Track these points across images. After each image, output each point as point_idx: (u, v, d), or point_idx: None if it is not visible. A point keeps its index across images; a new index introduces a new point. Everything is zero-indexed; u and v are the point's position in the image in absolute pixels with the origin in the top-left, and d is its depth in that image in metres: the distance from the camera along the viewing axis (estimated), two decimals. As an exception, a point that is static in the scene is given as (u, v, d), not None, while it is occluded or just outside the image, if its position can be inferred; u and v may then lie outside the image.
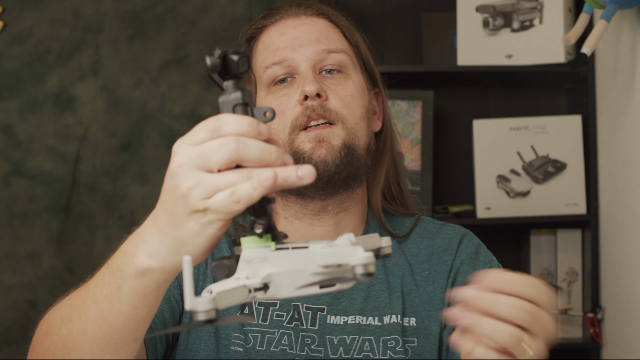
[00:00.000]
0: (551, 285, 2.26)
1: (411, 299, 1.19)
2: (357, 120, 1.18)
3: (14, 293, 2.39)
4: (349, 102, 1.18)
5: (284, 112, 1.17)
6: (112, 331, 0.89)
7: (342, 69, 1.20)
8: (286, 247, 0.80)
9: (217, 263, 0.80)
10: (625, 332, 1.94)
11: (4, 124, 2.44)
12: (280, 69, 1.19)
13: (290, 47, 1.20)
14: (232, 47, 0.78)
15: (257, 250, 0.80)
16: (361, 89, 1.22)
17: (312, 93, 1.15)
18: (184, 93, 2.48)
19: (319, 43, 1.20)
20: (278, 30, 1.24)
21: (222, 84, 0.80)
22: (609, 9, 1.75)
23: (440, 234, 1.26)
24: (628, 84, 1.89)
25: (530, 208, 2.24)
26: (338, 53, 1.20)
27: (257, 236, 0.79)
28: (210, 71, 0.78)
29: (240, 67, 0.78)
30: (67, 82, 2.46)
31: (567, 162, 2.24)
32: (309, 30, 1.22)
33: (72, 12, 2.48)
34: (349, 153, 1.15)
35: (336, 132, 1.15)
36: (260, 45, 1.26)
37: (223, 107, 0.79)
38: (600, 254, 2.15)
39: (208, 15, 2.50)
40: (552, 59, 2.19)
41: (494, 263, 1.24)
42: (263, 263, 0.79)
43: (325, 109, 1.15)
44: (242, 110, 0.79)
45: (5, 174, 2.43)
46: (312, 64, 1.18)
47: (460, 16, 2.28)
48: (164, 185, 0.82)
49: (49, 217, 2.43)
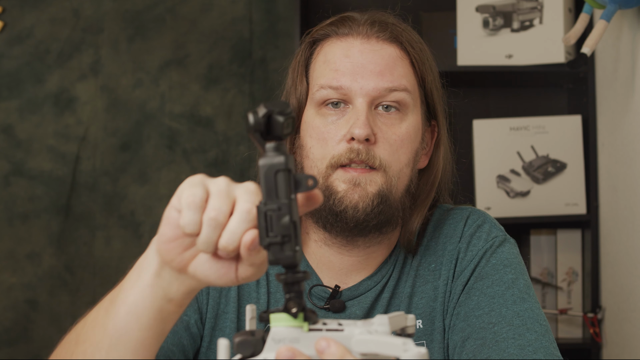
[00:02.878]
0: (551, 285, 2.26)
1: (416, 301, 1.19)
2: (402, 166, 1.14)
3: (14, 293, 2.39)
4: (398, 147, 1.14)
5: (328, 142, 1.13)
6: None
7: (400, 108, 1.15)
8: (319, 328, 0.75)
9: (242, 340, 0.76)
10: (625, 332, 1.94)
11: (4, 124, 2.44)
12: (335, 94, 1.14)
13: (352, 75, 1.13)
14: (278, 107, 0.74)
15: (288, 329, 0.75)
16: (415, 130, 1.17)
17: (361, 137, 1.10)
18: (184, 93, 2.48)
19: (382, 78, 1.13)
20: (343, 48, 1.16)
21: (263, 145, 0.74)
22: (609, 9, 1.75)
23: (447, 220, 1.24)
24: (628, 84, 1.88)
25: (530, 208, 2.24)
26: (400, 91, 1.14)
27: (292, 316, 0.74)
28: (252, 130, 0.74)
29: (284, 129, 0.74)
30: (67, 82, 2.46)
31: (567, 162, 2.24)
32: (375, 59, 1.14)
33: (72, 12, 2.48)
34: (383, 202, 1.12)
35: (374, 179, 1.12)
36: (321, 56, 1.19)
37: (264, 171, 0.74)
38: (600, 254, 2.15)
39: (208, 15, 2.50)
40: (552, 59, 2.18)
41: (497, 240, 1.20)
42: (294, 345, 0.74)
43: (370, 155, 1.11)
44: (285, 177, 0.74)
45: (5, 174, 2.43)
46: (370, 100, 1.13)
47: (460, 16, 2.28)
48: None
49: (49, 217, 2.43)
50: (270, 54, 2.49)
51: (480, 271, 1.17)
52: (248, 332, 0.77)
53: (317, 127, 1.15)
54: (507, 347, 1.06)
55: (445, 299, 1.18)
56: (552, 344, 1.08)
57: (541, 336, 1.07)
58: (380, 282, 1.19)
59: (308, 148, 1.15)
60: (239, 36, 2.50)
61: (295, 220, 0.74)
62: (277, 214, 0.74)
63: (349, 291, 1.18)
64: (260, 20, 2.50)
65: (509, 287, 1.13)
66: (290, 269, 0.75)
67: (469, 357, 1.09)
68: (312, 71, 1.19)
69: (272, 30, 2.50)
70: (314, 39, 1.21)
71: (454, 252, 1.20)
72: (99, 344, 0.88)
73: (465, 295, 1.16)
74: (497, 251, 1.18)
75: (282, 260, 0.74)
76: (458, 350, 1.12)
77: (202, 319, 1.16)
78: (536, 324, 1.09)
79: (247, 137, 2.48)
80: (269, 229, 0.74)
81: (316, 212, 1.15)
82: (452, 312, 1.16)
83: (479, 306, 1.13)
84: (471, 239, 1.20)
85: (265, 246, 0.74)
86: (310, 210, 0.78)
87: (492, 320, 1.10)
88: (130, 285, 0.86)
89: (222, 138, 2.48)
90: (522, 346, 1.06)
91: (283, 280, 0.75)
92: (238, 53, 2.49)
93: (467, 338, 1.11)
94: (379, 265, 1.20)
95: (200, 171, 2.46)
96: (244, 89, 2.49)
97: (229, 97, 2.49)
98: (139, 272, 0.85)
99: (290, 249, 0.74)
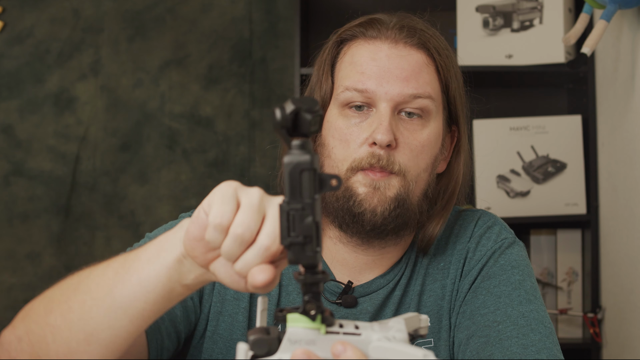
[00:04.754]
0: (551, 285, 2.26)
1: (425, 299, 1.19)
2: (420, 171, 1.15)
3: (14, 293, 2.39)
4: (418, 152, 1.15)
5: (350, 143, 1.14)
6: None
7: (422, 114, 1.15)
8: (336, 331, 0.74)
9: (257, 338, 0.75)
10: (625, 332, 1.94)
11: (4, 124, 2.44)
12: (359, 97, 1.14)
13: (377, 79, 1.14)
14: (306, 104, 0.73)
15: (304, 331, 0.74)
16: (436, 137, 1.17)
17: (383, 143, 1.11)
18: (183, 93, 2.48)
19: (407, 84, 1.14)
20: (370, 51, 1.16)
21: (289, 141, 0.74)
22: (609, 9, 1.75)
23: (458, 221, 1.25)
24: (628, 84, 1.88)
25: (530, 208, 2.24)
26: (424, 99, 1.15)
27: (310, 318, 0.73)
28: (279, 126, 0.73)
29: (311, 127, 0.73)
30: (67, 82, 2.46)
31: (567, 162, 2.24)
32: (402, 65, 1.15)
33: (72, 12, 2.48)
34: (400, 206, 1.13)
35: (393, 183, 1.12)
36: (347, 57, 1.19)
37: (289, 169, 0.73)
38: (600, 254, 2.15)
39: (208, 15, 2.50)
40: (552, 59, 2.19)
41: (507, 241, 1.21)
42: (310, 346, 0.73)
43: (390, 161, 1.12)
44: (310, 177, 0.73)
45: (5, 174, 2.43)
46: (394, 105, 1.13)
47: (460, 16, 2.28)
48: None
49: (49, 217, 2.43)
50: (270, 54, 2.49)
51: (487, 271, 1.17)
52: (263, 329, 0.76)
53: (339, 128, 1.15)
54: (511, 345, 1.06)
55: (452, 297, 1.18)
56: (555, 346, 1.08)
57: (545, 337, 1.08)
58: (392, 281, 1.20)
59: (330, 148, 1.16)
60: (239, 36, 2.50)
61: (318, 221, 0.73)
62: (301, 214, 0.73)
63: (361, 288, 1.19)
64: (260, 20, 2.50)
65: (515, 287, 1.14)
66: (309, 270, 0.74)
67: (472, 354, 1.09)
68: (338, 71, 1.20)
69: (272, 30, 2.50)
70: (342, 39, 1.21)
71: (462, 252, 1.21)
72: (100, 301, 0.88)
73: (471, 294, 1.16)
74: (505, 252, 1.19)
75: (302, 260, 0.73)
76: (462, 347, 1.13)
77: (201, 297, 1.16)
78: (540, 325, 1.09)
79: (247, 137, 2.48)
80: (291, 228, 0.73)
81: (334, 212, 1.15)
82: (458, 310, 1.17)
83: (484, 305, 1.13)
84: (480, 239, 1.21)
85: (287, 246, 0.73)
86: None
87: (497, 319, 1.10)
88: (148, 259, 0.86)
89: (222, 138, 2.48)
90: (526, 346, 1.06)
91: (302, 280, 0.74)
92: (238, 53, 2.49)
93: (472, 336, 1.11)
94: (393, 265, 1.21)
95: (200, 171, 2.46)
96: (244, 89, 2.48)
97: (229, 97, 2.48)
98: (159, 250, 0.85)
99: (312, 250, 0.73)
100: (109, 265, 0.91)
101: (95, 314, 0.88)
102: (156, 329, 1.07)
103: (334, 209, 1.15)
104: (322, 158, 1.18)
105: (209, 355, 1.16)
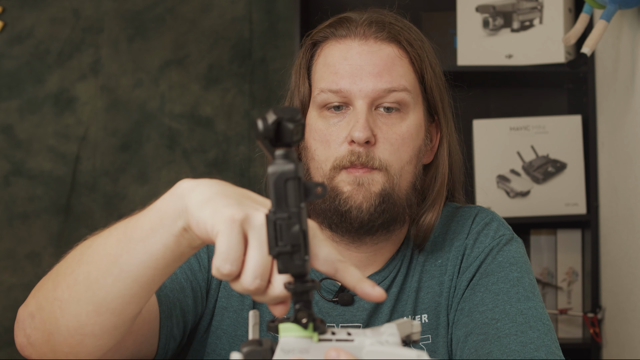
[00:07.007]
0: (551, 285, 2.26)
1: (422, 296, 1.20)
2: (404, 164, 1.16)
3: (14, 293, 2.39)
4: (399, 146, 1.15)
5: (330, 144, 1.15)
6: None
7: (400, 108, 1.16)
8: (329, 338, 0.74)
9: (251, 349, 0.74)
10: (625, 332, 1.94)
11: (4, 124, 2.44)
12: (335, 97, 1.16)
13: (350, 78, 1.15)
14: (288, 114, 0.72)
15: (297, 340, 0.74)
16: (416, 128, 1.18)
17: (361, 141, 1.12)
18: (183, 93, 2.48)
19: (380, 79, 1.14)
20: (342, 50, 1.17)
21: (272, 151, 0.73)
22: (609, 9, 1.75)
23: (455, 217, 1.25)
24: (628, 84, 1.88)
25: (530, 208, 2.24)
26: (399, 92, 1.15)
27: (302, 326, 0.73)
28: (261, 137, 0.72)
29: (294, 136, 0.73)
30: (67, 82, 2.46)
31: (567, 162, 2.24)
32: (373, 60, 1.15)
33: (72, 12, 2.48)
34: (385, 201, 1.13)
35: (376, 179, 1.13)
36: (321, 59, 1.20)
37: (274, 179, 0.72)
38: (600, 254, 2.15)
39: (208, 15, 2.50)
40: (552, 59, 2.19)
41: (505, 238, 1.21)
42: (303, 355, 0.73)
43: (370, 157, 1.13)
44: (295, 185, 0.72)
45: (5, 174, 2.43)
46: (369, 101, 1.14)
47: (460, 16, 2.28)
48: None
49: (49, 217, 2.43)
50: (270, 54, 2.49)
51: (486, 268, 1.17)
52: (256, 341, 0.76)
53: (319, 129, 1.17)
54: (509, 343, 1.06)
55: (450, 294, 1.19)
56: (554, 343, 1.08)
57: (543, 335, 1.08)
58: (388, 277, 1.20)
59: (313, 150, 1.17)
60: (239, 36, 2.50)
61: (304, 230, 0.73)
62: (287, 223, 0.72)
63: None
64: (260, 20, 2.50)
65: (514, 285, 1.14)
66: (299, 279, 0.74)
67: (471, 352, 1.09)
68: (314, 73, 1.21)
69: (272, 30, 2.50)
70: (314, 41, 1.22)
71: (460, 248, 1.21)
72: (106, 272, 0.87)
73: (470, 291, 1.16)
74: (503, 249, 1.19)
75: (291, 269, 0.73)
76: (461, 345, 1.13)
77: (208, 290, 1.17)
78: (539, 323, 1.09)
79: (247, 137, 2.48)
80: (278, 238, 0.73)
81: (322, 213, 1.16)
82: (457, 307, 1.17)
83: (483, 302, 1.13)
84: (478, 236, 1.21)
85: (275, 255, 0.73)
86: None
87: (496, 316, 1.10)
88: (151, 227, 0.83)
89: (222, 138, 2.48)
90: (524, 343, 1.06)
91: (292, 290, 0.74)
92: (238, 53, 2.49)
93: (470, 333, 1.11)
94: (387, 261, 1.21)
95: (200, 171, 2.46)
96: (244, 89, 2.49)
97: (229, 97, 2.49)
98: (161, 218, 0.82)
99: (300, 259, 0.73)
100: (110, 234, 0.90)
101: (102, 284, 0.87)
102: (168, 315, 1.07)
103: (321, 210, 1.16)
104: (307, 160, 1.19)
105: (212, 350, 1.17)
